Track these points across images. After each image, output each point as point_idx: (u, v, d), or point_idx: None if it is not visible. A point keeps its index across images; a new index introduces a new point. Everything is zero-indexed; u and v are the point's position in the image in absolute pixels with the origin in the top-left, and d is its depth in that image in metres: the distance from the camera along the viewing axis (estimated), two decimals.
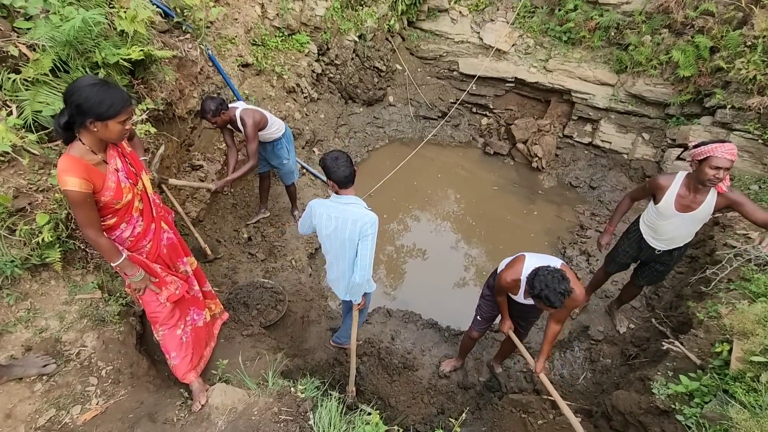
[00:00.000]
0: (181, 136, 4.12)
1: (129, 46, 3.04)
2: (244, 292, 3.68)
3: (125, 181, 2.04)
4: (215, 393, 2.33)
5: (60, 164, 1.79)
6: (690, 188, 2.83)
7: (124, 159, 2.07)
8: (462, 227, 5.39)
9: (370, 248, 2.53)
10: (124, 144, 2.14)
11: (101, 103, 1.74)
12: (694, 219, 2.91)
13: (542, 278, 2.25)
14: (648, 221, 3.18)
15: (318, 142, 5.73)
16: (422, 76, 6.83)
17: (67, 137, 1.87)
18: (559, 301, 2.23)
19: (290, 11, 5.12)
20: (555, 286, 2.22)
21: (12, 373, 2.19)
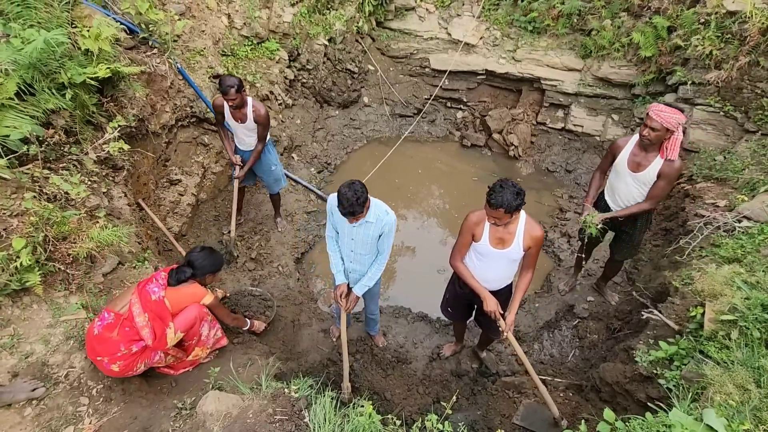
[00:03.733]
0: (156, 151, 4.11)
1: (95, 65, 3.04)
2: (232, 300, 3.67)
3: None
4: (209, 400, 2.34)
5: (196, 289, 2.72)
6: (642, 148, 3.00)
7: None
8: (446, 220, 5.46)
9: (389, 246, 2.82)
10: None
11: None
12: (641, 180, 3.06)
13: (502, 182, 2.31)
14: (609, 182, 3.35)
15: (296, 148, 5.75)
16: (395, 74, 6.90)
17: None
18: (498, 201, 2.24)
19: (257, 20, 5.14)
20: (506, 189, 2.26)
21: (0, 399, 2.17)
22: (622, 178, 3.16)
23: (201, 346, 2.86)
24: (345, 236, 2.79)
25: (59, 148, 2.90)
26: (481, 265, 2.68)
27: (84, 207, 2.86)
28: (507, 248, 2.55)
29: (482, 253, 2.63)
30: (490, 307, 2.66)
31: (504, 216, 2.32)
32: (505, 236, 2.52)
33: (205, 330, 2.84)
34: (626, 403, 2.77)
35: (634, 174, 3.07)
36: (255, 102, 3.68)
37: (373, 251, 2.85)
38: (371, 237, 2.73)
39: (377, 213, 2.67)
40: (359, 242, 2.77)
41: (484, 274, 2.71)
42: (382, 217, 2.68)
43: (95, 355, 2.40)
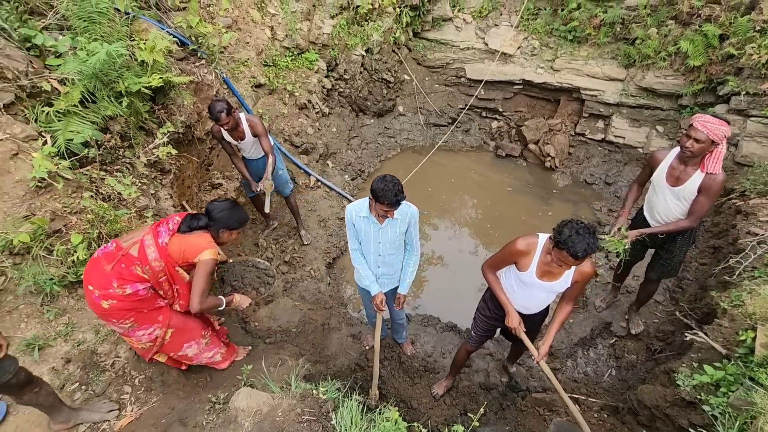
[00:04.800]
0: (200, 156, 4.32)
1: (149, 75, 3.26)
2: (227, 267, 3.25)
3: None
4: (241, 396, 2.42)
5: (202, 239, 2.38)
6: (682, 161, 2.83)
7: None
8: (478, 231, 5.40)
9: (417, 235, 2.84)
10: None
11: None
12: (681, 195, 2.88)
13: (573, 226, 2.12)
14: (647, 197, 3.18)
15: (331, 155, 5.88)
16: (430, 84, 6.94)
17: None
18: (584, 251, 2.06)
19: (298, 31, 5.33)
20: (584, 236, 2.07)
21: (79, 417, 2.28)
22: (660, 193, 3.00)
23: (187, 360, 2.78)
24: (371, 242, 2.79)
25: (115, 152, 3.12)
26: (521, 292, 2.57)
27: (134, 207, 3.05)
28: (554, 281, 2.43)
29: (525, 283, 2.52)
30: (512, 323, 2.60)
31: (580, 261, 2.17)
32: (555, 269, 2.37)
33: (192, 350, 2.71)
34: (666, 429, 2.63)
35: (672, 188, 2.90)
36: (247, 117, 3.71)
37: (399, 248, 2.86)
38: (399, 234, 2.75)
39: (400, 209, 2.65)
40: (387, 243, 2.78)
41: (521, 300, 2.61)
42: (406, 211, 2.70)
43: (88, 282, 2.21)
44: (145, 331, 2.41)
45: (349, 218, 2.75)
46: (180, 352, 2.65)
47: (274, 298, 3.59)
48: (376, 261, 2.89)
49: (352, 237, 2.85)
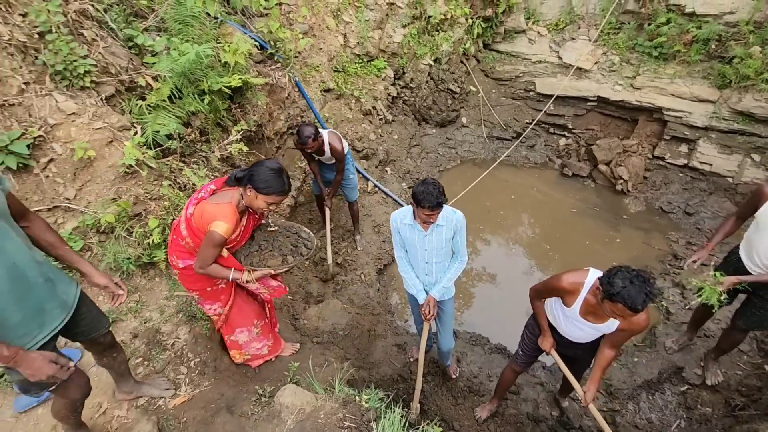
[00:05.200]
0: (267, 154, 4.51)
1: (230, 75, 3.46)
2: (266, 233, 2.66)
3: (245, 230, 2.37)
4: (286, 393, 2.46)
5: (220, 210, 2.09)
6: None
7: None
8: (536, 252, 5.15)
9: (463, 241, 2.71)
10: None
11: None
12: None
13: (625, 275, 1.92)
14: (746, 235, 2.80)
15: (391, 162, 5.90)
16: (497, 97, 6.77)
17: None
18: (643, 302, 1.86)
19: (370, 39, 5.44)
20: (641, 285, 1.86)
21: (141, 390, 2.43)
22: (764, 232, 2.63)
23: (236, 348, 2.80)
24: (417, 250, 2.73)
25: (193, 145, 3.34)
26: (567, 323, 2.41)
27: None
28: (599, 324, 2.25)
29: (569, 317, 2.37)
30: (544, 346, 2.53)
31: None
32: (601, 312, 2.16)
33: (243, 337, 2.73)
34: None
35: None
36: (332, 139, 3.82)
37: (447, 256, 2.77)
38: (445, 240, 2.66)
39: (445, 215, 2.59)
40: (433, 250, 2.69)
41: (568, 329, 2.43)
42: (451, 217, 2.60)
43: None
44: (210, 306, 2.53)
45: (394, 226, 2.71)
46: (232, 336, 2.72)
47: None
48: (424, 269, 2.82)
49: (397, 245, 2.80)
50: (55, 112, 2.63)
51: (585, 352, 2.57)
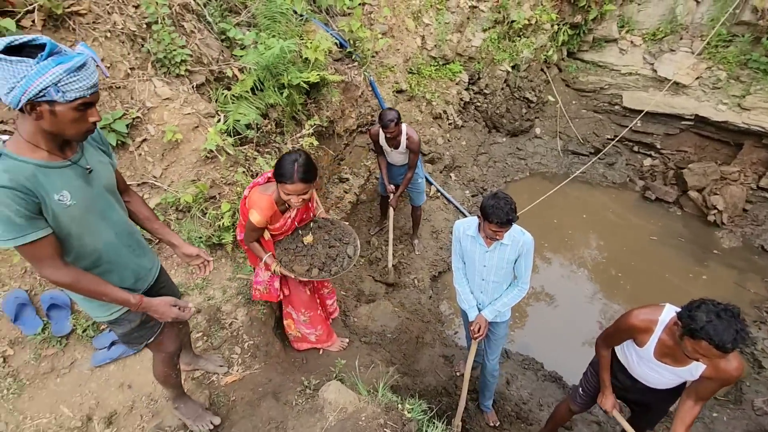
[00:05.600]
0: (335, 150, 4.61)
1: (309, 71, 3.56)
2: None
3: (288, 225, 2.41)
4: (331, 389, 2.46)
5: (258, 200, 2.19)
6: None
7: (300, 212, 2.44)
8: (605, 278, 4.76)
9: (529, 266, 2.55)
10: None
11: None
12: None
13: (710, 308, 1.65)
14: None
15: (456, 168, 5.77)
16: (576, 108, 6.37)
17: None
18: (733, 340, 1.58)
19: (448, 42, 5.35)
20: (729, 320, 1.60)
21: (198, 362, 2.58)
22: None
23: (290, 319, 2.91)
24: (475, 264, 2.60)
25: (268, 136, 3.49)
26: (640, 362, 2.14)
27: None
28: (678, 367, 1.97)
29: (642, 357, 2.11)
30: (605, 406, 2.28)
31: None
32: (680, 355, 1.89)
33: (293, 314, 2.85)
34: None
35: None
36: (409, 130, 3.79)
37: (507, 277, 2.60)
38: (507, 261, 2.50)
39: (512, 234, 2.43)
40: (492, 268, 2.56)
41: (639, 371, 2.17)
42: (519, 238, 2.43)
43: None
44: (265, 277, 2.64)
45: (456, 235, 2.60)
46: (287, 308, 2.84)
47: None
48: (479, 285, 2.69)
49: (456, 255, 2.69)
50: (152, 96, 2.86)
51: (662, 400, 2.29)
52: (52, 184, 1.34)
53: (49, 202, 1.34)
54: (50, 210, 1.35)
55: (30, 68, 1.17)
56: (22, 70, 1.17)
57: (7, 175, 1.26)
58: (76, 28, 2.64)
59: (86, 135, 1.38)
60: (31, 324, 2.52)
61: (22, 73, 1.17)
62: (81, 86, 1.25)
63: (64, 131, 1.32)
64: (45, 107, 1.24)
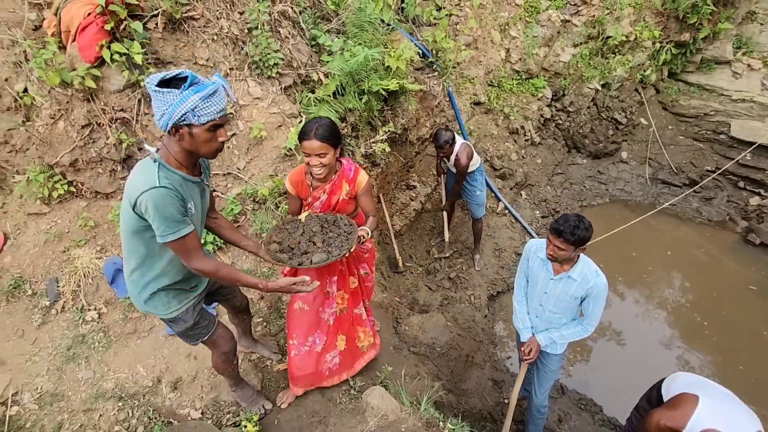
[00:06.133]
0: (406, 157, 4.65)
1: (389, 79, 3.64)
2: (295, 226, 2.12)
3: (317, 208, 2.18)
4: (375, 393, 2.50)
5: (294, 169, 2.20)
6: None
7: (330, 197, 2.16)
8: (685, 323, 4.28)
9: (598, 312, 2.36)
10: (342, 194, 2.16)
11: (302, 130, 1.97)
12: None
13: None
14: None
15: (527, 186, 5.55)
16: (673, 134, 5.81)
17: None
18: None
19: (534, 56, 5.17)
20: None
21: (256, 347, 2.75)
22: None
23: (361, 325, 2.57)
24: (537, 287, 2.49)
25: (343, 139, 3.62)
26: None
27: None
28: None
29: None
30: None
31: None
32: None
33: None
34: None
35: None
36: (460, 150, 3.84)
37: (568, 312, 2.45)
38: (570, 296, 2.35)
39: (584, 271, 2.28)
40: (553, 298, 2.42)
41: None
42: (590, 278, 2.26)
43: None
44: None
45: (526, 253, 2.52)
46: (356, 309, 2.63)
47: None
48: (536, 310, 2.56)
49: (521, 272, 2.61)
50: (245, 95, 3.10)
51: None
52: (188, 195, 1.60)
53: (187, 207, 1.60)
54: (188, 214, 1.60)
55: (175, 97, 1.40)
56: (170, 99, 1.41)
57: (167, 180, 1.51)
58: (189, 31, 2.96)
59: (216, 153, 1.60)
60: (123, 288, 2.86)
61: (170, 102, 1.41)
62: (212, 111, 1.46)
63: (199, 150, 1.55)
64: (185, 129, 1.48)
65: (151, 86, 1.42)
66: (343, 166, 2.14)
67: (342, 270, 2.36)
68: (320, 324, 2.38)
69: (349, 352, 2.55)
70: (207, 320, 1.99)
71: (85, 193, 3.03)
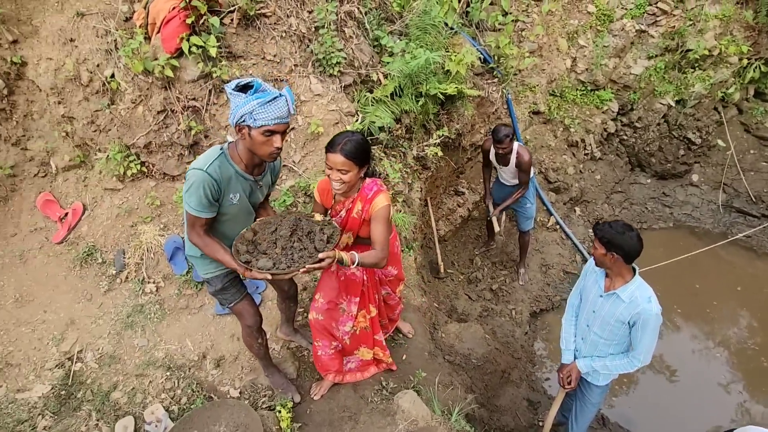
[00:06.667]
0: (457, 163, 4.60)
1: (448, 83, 3.61)
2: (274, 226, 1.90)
3: (337, 222, 2.08)
4: (406, 397, 2.49)
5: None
6: None
7: (348, 213, 2.09)
8: (751, 367, 3.89)
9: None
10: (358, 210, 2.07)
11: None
12: None
13: None
14: None
15: (583, 203, 5.29)
16: (754, 159, 5.30)
17: None
18: None
19: (602, 67, 4.92)
20: None
21: (296, 336, 2.83)
22: None
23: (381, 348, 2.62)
24: (587, 305, 2.37)
25: (397, 141, 3.63)
26: None
27: (393, 190, 3.49)
28: None
29: None
30: None
31: None
32: None
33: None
34: None
35: None
36: (520, 148, 3.63)
37: (614, 338, 2.28)
38: (615, 319, 2.20)
39: (635, 294, 2.12)
40: (599, 318, 2.28)
41: None
42: (639, 303, 2.10)
43: None
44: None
45: (586, 269, 2.43)
46: (377, 336, 2.61)
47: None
48: (582, 330, 2.44)
49: (577, 289, 2.52)
50: (306, 91, 3.20)
51: None
52: (234, 187, 1.80)
53: (225, 197, 1.79)
54: (221, 201, 1.80)
55: (240, 100, 1.60)
56: (237, 101, 1.61)
57: (218, 169, 1.71)
58: (261, 27, 3.10)
59: (271, 157, 1.73)
60: (180, 265, 3.05)
61: (236, 104, 1.61)
62: (268, 117, 1.60)
63: (256, 150, 1.70)
64: (245, 129, 1.65)
65: (228, 89, 1.64)
66: (364, 184, 2.03)
67: (364, 291, 2.36)
68: (337, 337, 2.44)
69: (371, 361, 2.66)
70: (236, 290, 2.13)
71: (154, 173, 3.26)
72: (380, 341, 2.62)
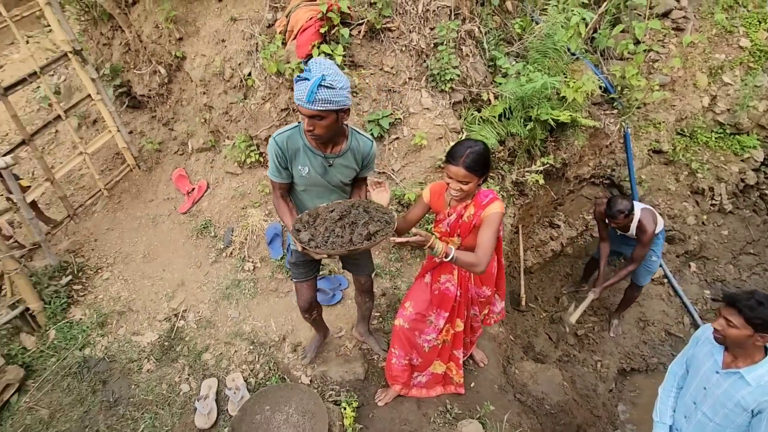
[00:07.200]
0: (557, 193, 4.34)
1: (562, 110, 3.44)
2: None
3: (445, 226, 2.12)
4: (471, 427, 2.41)
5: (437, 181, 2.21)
6: None
7: (459, 216, 2.07)
8: None
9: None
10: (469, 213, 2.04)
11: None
12: None
13: None
14: None
15: (702, 259, 4.64)
16: None
17: None
18: None
19: (749, 109, 4.30)
20: None
21: (370, 339, 2.87)
22: None
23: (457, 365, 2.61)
24: (696, 380, 2.02)
25: (497, 163, 3.55)
26: None
27: None
28: None
29: None
30: None
31: None
32: None
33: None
34: None
35: None
36: (644, 218, 3.24)
37: (727, 426, 1.91)
38: (734, 403, 1.84)
39: (763, 378, 1.76)
40: (711, 399, 1.93)
41: None
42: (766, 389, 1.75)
43: None
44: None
45: (696, 336, 2.10)
46: (456, 351, 2.61)
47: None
48: (687, 408, 2.08)
49: (682, 357, 2.18)
50: (416, 104, 3.29)
51: None
52: (301, 160, 1.92)
53: (294, 167, 1.95)
54: (292, 170, 1.97)
55: (297, 85, 1.72)
56: (297, 86, 1.72)
57: (286, 139, 1.87)
58: (384, 40, 3.26)
59: (309, 136, 1.83)
60: (277, 250, 3.30)
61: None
62: (296, 95, 1.70)
63: (305, 127, 1.78)
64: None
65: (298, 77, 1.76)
66: (480, 191, 2.02)
67: (455, 307, 2.34)
68: (416, 346, 2.43)
69: (441, 377, 2.64)
70: (305, 270, 2.28)
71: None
72: (457, 357, 2.58)
